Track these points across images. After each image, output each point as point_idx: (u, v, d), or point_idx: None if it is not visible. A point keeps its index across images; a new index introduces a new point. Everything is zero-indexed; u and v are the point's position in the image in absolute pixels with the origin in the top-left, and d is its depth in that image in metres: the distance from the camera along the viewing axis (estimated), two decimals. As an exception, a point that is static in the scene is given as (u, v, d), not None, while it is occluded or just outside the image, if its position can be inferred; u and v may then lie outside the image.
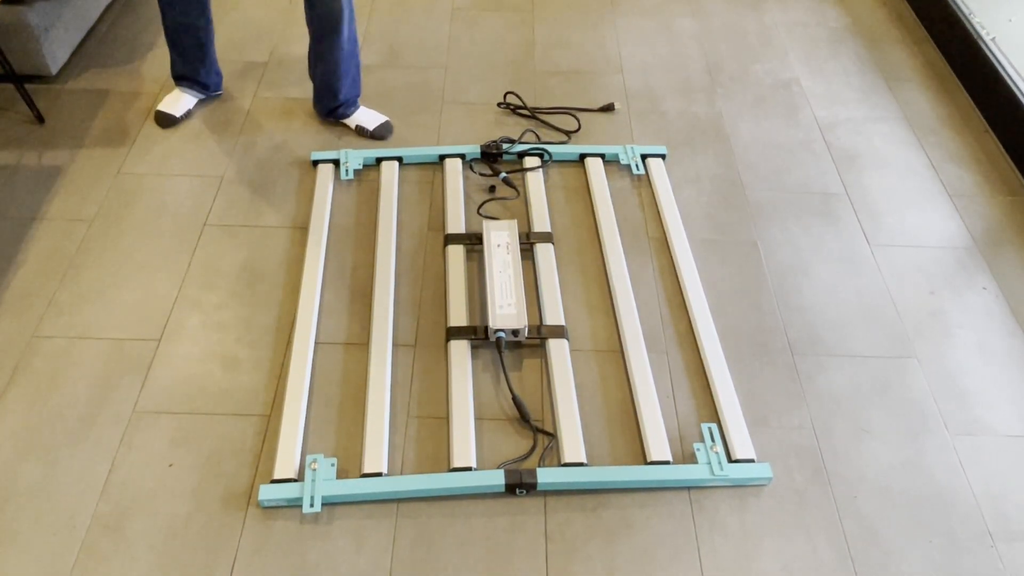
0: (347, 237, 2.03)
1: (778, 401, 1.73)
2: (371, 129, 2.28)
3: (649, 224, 2.10)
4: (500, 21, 2.81)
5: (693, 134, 2.38)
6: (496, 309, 1.78)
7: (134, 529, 1.47)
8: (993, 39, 2.54)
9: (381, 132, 2.29)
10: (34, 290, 1.86)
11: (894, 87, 2.60)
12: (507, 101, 2.47)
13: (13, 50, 2.30)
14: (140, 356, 1.74)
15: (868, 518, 1.55)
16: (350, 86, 2.23)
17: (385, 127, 2.30)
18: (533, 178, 2.18)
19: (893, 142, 2.40)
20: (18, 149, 2.20)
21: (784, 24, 2.87)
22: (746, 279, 1.98)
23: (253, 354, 1.76)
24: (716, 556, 1.49)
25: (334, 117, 2.31)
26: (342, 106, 2.26)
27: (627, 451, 1.64)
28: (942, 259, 2.06)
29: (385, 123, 2.30)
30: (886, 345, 1.85)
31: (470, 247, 2.00)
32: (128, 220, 2.03)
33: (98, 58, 2.53)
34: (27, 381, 1.68)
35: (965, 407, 1.74)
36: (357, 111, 2.29)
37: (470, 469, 1.56)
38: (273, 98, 2.42)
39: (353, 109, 2.29)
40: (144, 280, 1.89)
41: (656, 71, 2.62)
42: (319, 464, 1.55)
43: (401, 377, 1.74)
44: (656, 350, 1.81)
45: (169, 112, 2.29)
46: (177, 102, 2.31)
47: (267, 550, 1.46)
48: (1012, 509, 1.57)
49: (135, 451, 1.58)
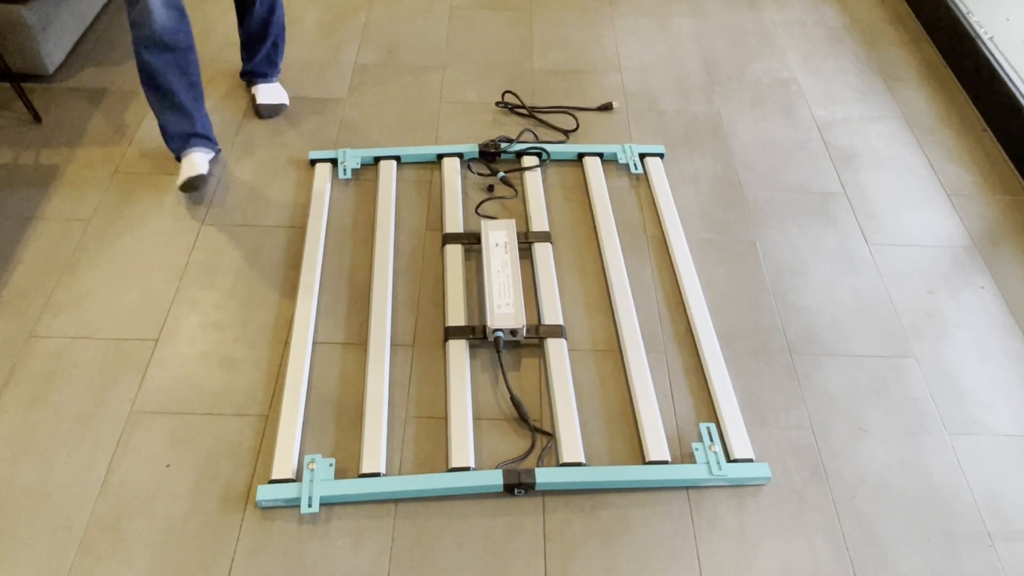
0: (345, 237, 2.02)
1: (776, 401, 1.74)
2: (259, 102, 2.32)
3: (647, 223, 2.10)
4: (498, 20, 2.80)
5: (691, 133, 2.38)
6: (494, 309, 1.77)
7: (132, 530, 1.47)
8: (991, 38, 2.54)
9: (266, 112, 2.33)
10: (31, 290, 1.85)
11: (892, 86, 2.60)
12: (505, 100, 2.46)
13: (10, 49, 2.29)
14: (138, 356, 1.74)
15: (866, 517, 1.55)
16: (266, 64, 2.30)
17: (274, 109, 2.33)
18: (531, 177, 2.18)
19: (891, 141, 2.40)
20: (15, 148, 2.19)
21: (782, 23, 2.87)
22: (744, 278, 1.98)
23: (251, 354, 1.76)
24: (714, 555, 1.49)
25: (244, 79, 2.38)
26: (249, 74, 2.33)
27: (625, 451, 1.63)
28: (940, 258, 2.06)
29: (278, 106, 2.34)
30: (884, 345, 1.85)
31: (468, 247, 2.00)
32: (125, 220, 2.02)
33: (95, 57, 2.52)
34: (24, 381, 1.68)
35: (963, 407, 1.74)
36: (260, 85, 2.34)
37: (468, 469, 1.56)
38: (271, 97, 2.41)
39: (258, 81, 2.34)
40: (142, 280, 1.89)
41: (654, 70, 2.62)
42: (317, 464, 1.55)
43: (399, 377, 1.74)
44: (654, 350, 1.81)
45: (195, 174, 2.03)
46: (193, 164, 2.06)
47: (265, 551, 1.45)
48: (1010, 508, 1.58)
49: (133, 451, 1.58)
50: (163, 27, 1.82)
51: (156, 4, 1.78)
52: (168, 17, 1.81)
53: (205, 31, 2.65)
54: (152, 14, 1.78)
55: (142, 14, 1.79)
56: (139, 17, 1.80)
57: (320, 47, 2.63)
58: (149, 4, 1.77)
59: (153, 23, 1.80)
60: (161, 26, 1.81)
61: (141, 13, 1.79)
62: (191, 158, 2.06)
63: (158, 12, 1.79)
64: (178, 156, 2.08)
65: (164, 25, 1.81)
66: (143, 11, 1.78)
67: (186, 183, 2.02)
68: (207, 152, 2.12)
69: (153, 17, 1.79)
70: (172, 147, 2.06)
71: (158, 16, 1.79)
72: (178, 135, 2.04)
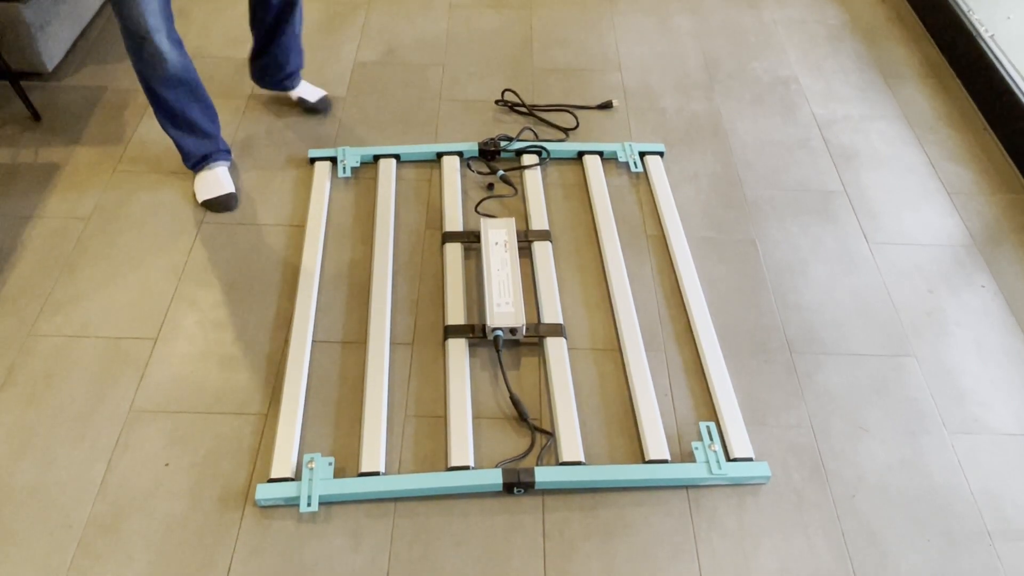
0: (344, 235, 2.02)
1: (776, 400, 1.73)
2: (312, 101, 2.32)
3: (647, 222, 2.10)
4: (498, 18, 2.80)
5: (691, 132, 2.38)
6: (494, 307, 1.77)
7: (130, 529, 1.47)
8: (992, 36, 2.54)
9: (322, 105, 2.33)
10: (30, 288, 1.85)
11: (893, 85, 2.60)
12: (505, 98, 2.46)
13: (9, 47, 2.29)
14: (137, 355, 1.73)
15: (866, 517, 1.55)
16: (299, 56, 2.25)
17: (325, 101, 2.35)
18: (531, 176, 2.18)
19: (892, 140, 2.39)
20: (14, 147, 2.19)
21: (783, 21, 2.87)
22: (744, 277, 1.98)
23: (250, 353, 1.75)
24: (714, 555, 1.48)
25: (278, 88, 2.33)
26: (289, 77, 2.28)
27: (625, 450, 1.63)
28: (940, 257, 2.05)
29: (325, 97, 2.35)
30: (884, 344, 1.85)
31: (468, 245, 2.00)
32: (125, 218, 2.02)
33: (94, 55, 2.52)
34: (23, 380, 1.68)
35: (963, 406, 1.74)
36: (300, 83, 2.32)
37: (468, 468, 1.56)
38: (269, 95, 2.41)
39: (298, 81, 2.32)
40: (141, 278, 1.89)
41: (654, 68, 2.61)
42: (316, 463, 1.55)
43: (398, 376, 1.74)
44: (654, 348, 1.81)
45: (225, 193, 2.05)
46: (218, 181, 2.07)
47: (264, 550, 1.45)
48: (1010, 508, 1.57)
49: (131, 450, 1.58)
50: (174, 65, 1.81)
51: (166, 46, 1.77)
52: (176, 54, 1.81)
53: (204, 29, 2.65)
54: (164, 55, 1.77)
55: (154, 57, 1.77)
56: (151, 60, 1.78)
57: (319, 45, 2.62)
58: (160, 48, 1.75)
59: (166, 64, 1.79)
60: (172, 64, 1.81)
61: (152, 57, 1.77)
62: (215, 173, 2.07)
63: (168, 53, 1.78)
64: (196, 170, 2.08)
65: (175, 63, 1.81)
66: (154, 55, 1.76)
67: (216, 203, 2.04)
68: (225, 163, 2.12)
69: (165, 58, 1.78)
70: (191, 165, 2.07)
71: (169, 56, 1.78)
72: (198, 156, 2.05)
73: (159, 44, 1.75)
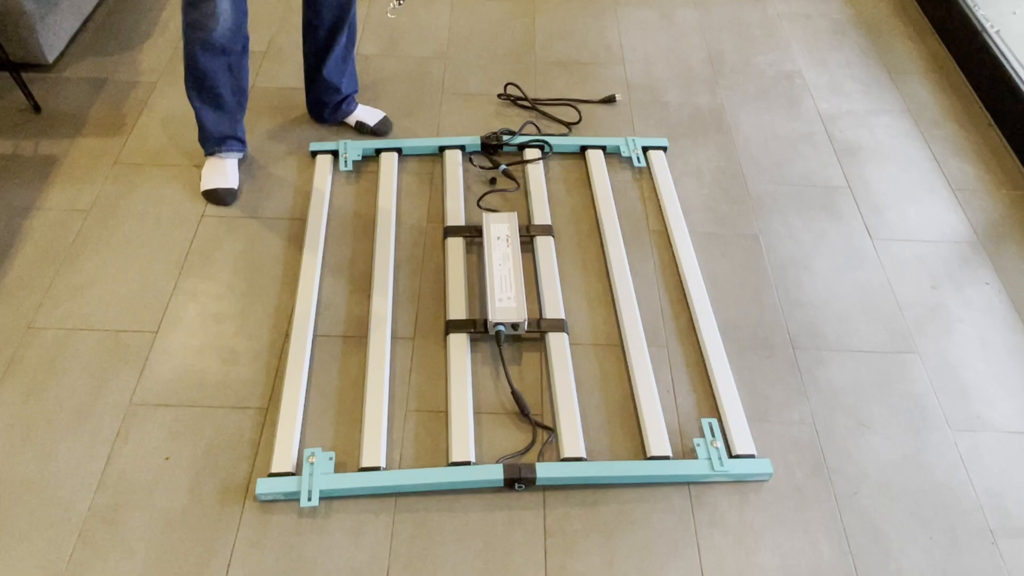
0: (346, 229, 2.01)
1: (778, 396, 1.73)
2: (372, 125, 2.24)
3: (650, 217, 2.09)
4: (500, 11, 2.79)
5: (695, 126, 2.37)
6: (495, 302, 1.76)
7: (130, 522, 1.46)
8: (998, 31, 2.52)
9: (382, 127, 2.25)
10: (30, 281, 1.84)
11: (897, 79, 2.59)
12: (507, 92, 2.45)
13: (9, 38, 2.28)
14: (137, 348, 1.73)
15: (868, 514, 1.54)
16: (353, 80, 2.20)
17: (385, 122, 2.26)
18: (533, 170, 2.17)
19: (896, 135, 2.38)
20: (14, 138, 2.18)
21: (786, 15, 2.85)
22: (747, 273, 1.97)
23: (251, 346, 1.75)
24: (716, 551, 1.48)
25: (335, 117, 2.25)
26: (345, 101, 2.21)
27: (627, 446, 1.63)
28: (944, 253, 2.04)
29: (385, 118, 2.27)
30: (887, 340, 1.84)
31: (470, 239, 1.99)
32: (125, 210, 2.01)
33: (95, 46, 2.51)
34: (23, 373, 1.67)
35: (966, 402, 1.73)
36: (357, 107, 2.26)
37: (469, 463, 1.55)
38: (271, 88, 2.40)
39: (355, 105, 2.25)
40: (141, 271, 1.88)
41: (658, 62, 2.60)
42: (317, 458, 1.54)
43: (400, 370, 1.73)
44: (656, 344, 1.80)
45: (226, 187, 2.02)
46: (224, 172, 2.03)
47: (264, 544, 1.45)
48: (1013, 505, 1.57)
49: (132, 444, 1.57)
50: (225, 30, 1.73)
51: (225, 7, 1.68)
52: (234, 20, 1.72)
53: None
54: (219, 16, 1.68)
55: (209, 17, 1.68)
56: (203, 19, 1.68)
57: (321, 37, 2.61)
58: (218, 7, 1.67)
59: (218, 26, 1.70)
60: (224, 29, 1.72)
61: (207, 15, 1.68)
62: (223, 163, 2.04)
63: (226, 15, 1.68)
64: (208, 153, 2.05)
65: (227, 27, 1.73)
66: (211, 14, 1.67)
67: (214, 194, 2.02)
68: (237, 155, 2.09)
69: (220, 20, 1.69)
70: (205, 145, 2.04)
71: (225, 19, 1.69)
72: (215, 136, 2.01)
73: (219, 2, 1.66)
